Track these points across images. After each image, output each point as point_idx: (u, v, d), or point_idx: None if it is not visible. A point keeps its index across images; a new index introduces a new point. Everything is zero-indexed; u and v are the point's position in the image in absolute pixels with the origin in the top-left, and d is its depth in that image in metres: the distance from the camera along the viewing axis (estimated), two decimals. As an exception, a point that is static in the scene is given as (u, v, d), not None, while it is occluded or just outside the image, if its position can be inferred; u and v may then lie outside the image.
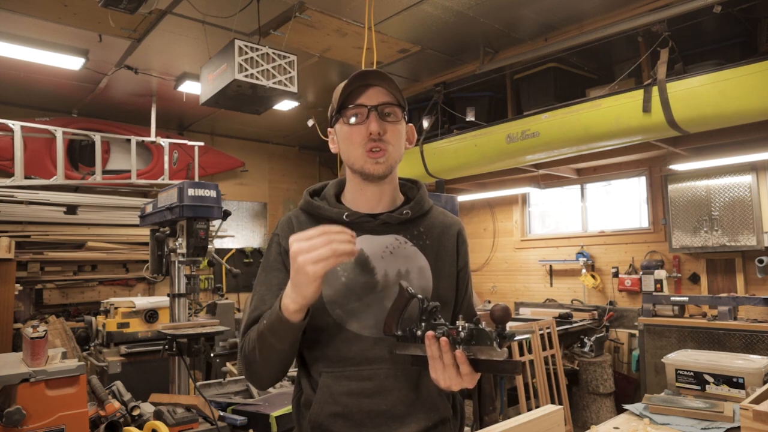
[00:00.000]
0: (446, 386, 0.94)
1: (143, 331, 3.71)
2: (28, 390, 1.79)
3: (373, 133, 1.09)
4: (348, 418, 1.10)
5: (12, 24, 3.60)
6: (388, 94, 1.12)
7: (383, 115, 1.12)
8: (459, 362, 0.91)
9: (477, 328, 0.89)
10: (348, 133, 1.13)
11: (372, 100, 1.11)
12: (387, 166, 1.13)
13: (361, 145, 1.11)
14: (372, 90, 1.12)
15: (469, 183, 6.01)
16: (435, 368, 0.94)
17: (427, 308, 0.98)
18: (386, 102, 1.12)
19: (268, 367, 1.11)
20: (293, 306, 0.98)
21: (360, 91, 1.12)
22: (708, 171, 4.56)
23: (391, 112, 1.13)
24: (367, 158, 1.11)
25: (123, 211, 5.36)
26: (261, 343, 1.06)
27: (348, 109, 1.13)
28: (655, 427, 1.66)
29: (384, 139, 1.11)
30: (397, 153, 1.15)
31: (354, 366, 1.11)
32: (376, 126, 1.09)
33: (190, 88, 4.78)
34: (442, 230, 1.23)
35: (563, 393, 4.17)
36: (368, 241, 1.16)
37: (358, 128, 1.12)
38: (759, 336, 3.74)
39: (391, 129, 1.12)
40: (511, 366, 0.88)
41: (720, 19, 3.41)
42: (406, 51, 4.31)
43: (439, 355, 0.93)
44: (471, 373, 0.92)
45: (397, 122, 1.14)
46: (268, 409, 2.25)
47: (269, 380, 1.15)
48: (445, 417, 1.16)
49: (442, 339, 0.92)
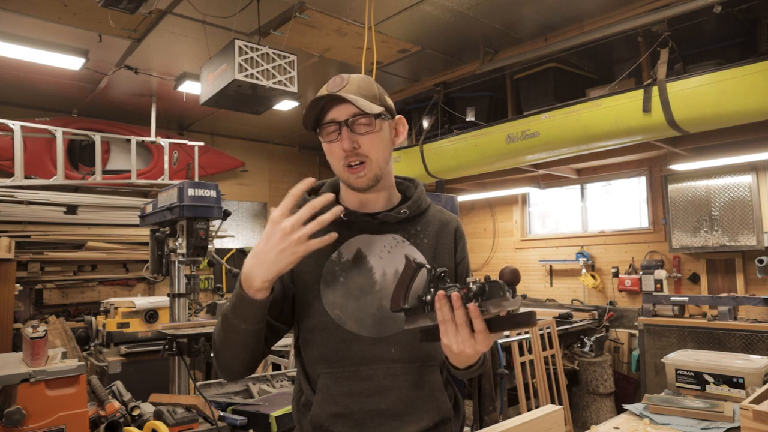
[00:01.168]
0: (459, 350, 0.91)
1: (143, 331, 3.71)
2: (28, 390, 1.79)
3: (346, 150, 1.09)
4: (348, 419, 1.10)
5: (12, 24, 3.60)
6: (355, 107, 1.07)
7: (355, 128, 1.09)
8: (472, 317, 0.88)
9: (489, 282, 0.87)
10: (327, 149, 1.14)
11: (341, 114, 1.09)
12: (369, 179, 1.12)
13: (339, 160, 1.11)
14: (342, 105, 1.09)
15: (469, 183, 6.01)
16: (447, 332, 0.91)
17: (435, 275, 0.96)
18: (356, 114, 1.08)
19: (233, 351, 1.07)
20: (260, 283, 0.97)
21: (331, 106, 1.10)
22: (708, 171, 4.56)
23: (365, 122, 1.09)
24: (348, 174, 1.11)
25: (123, 211, 5.36)
26: (225, 324, 1.04)
27: (322, 127, 1.12)
28: (655, 427, 1.66)
29: (360, 152, 1.10)
30: (379, 160, 1.12)
31: (353, 366, 1.11)
32: (348, 143, 1.08)
33: (190, 88, 4.78)
34: (440, 227, 1.24)
35: (563, 393, 4.17)
36: (366, 240, 1.16)
37: (334, 145, 1.11)
38: (759, 336, 3.74)
39: (366, 140, 1.10)
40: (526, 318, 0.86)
41: (720, 19, 3.41)
42: (406, 51, 4.31)
43: (451, 316, 0.90)
44: (485, 331, 0.89)
45: (371, 132, 1.10)
46: (268, 409, 2.25)
47: (237, 367, 1.10)
48: (446, 417, 1.16)
49: (454, 294, 0.89)
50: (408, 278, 0.99)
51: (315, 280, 1.14)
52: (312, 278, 1.14)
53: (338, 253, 1.15)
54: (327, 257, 1.15)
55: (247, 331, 1.02)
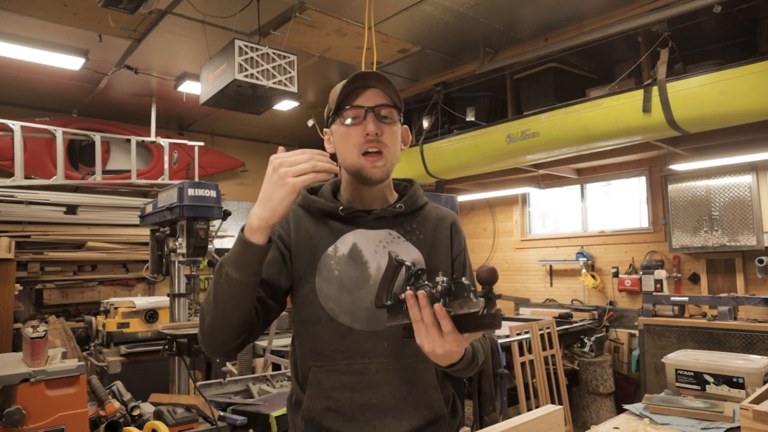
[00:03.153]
0: (430, 349, 0.91)
1: (143, 331, 3.71)
2: (28, 390, 1.79)
3: (371, 134, 1.09)
4: (339, 413, 1.11)
5: (12, 24, 3.60)
6: (385, 95, 1.12)
7: (380, 117, 1.12)
8: (438, 317, 0.88)
9: (454, 281, 0.87)
10: (345, 133, 1.13)
11: (369, 101, 1.11)
12: (385, 171, 1.13)
13: (357, 146, 1.11)
14: (369, 91, 1.12)
15: (469, 183, 6.01)
16: (419, 331, 0.91)
17: (411, 272, 0.95)
18: (383, 103, 1.12)
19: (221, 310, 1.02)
20: (257, 222, 0.98)
21: (358, 93, 1.12)
22: (708, 171, 4.56)
23: (388, 114, 1.13)
24: (364, 162, 1.11)
25: (123, 211, 5.36)
26: (218, 277, 1.02)
27: (345, 110, 1.12)
28: (655, 427, 1.66)
29: (381, 140, 1.11)
30: (394, 155, 1.15)
31: (345, 360, 1.11)
32: (374, 127, 1.09)
33: (190, 88, 4.78)
34: (436, 223, 1.24)
35: (563, 393, 4.17)
36: (362, 235, 1.17)
37: (355, 129, 1.11)
38: (759, 336, 3.74)
39: (388, 130, 1.12)
40: (490, 320, 0.85)
41: (720, 19, 3.41)
42: (406, 51, 4.31)
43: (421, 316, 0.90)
44: (453, 332, 0.88)
45: (393, 124, 1.14)
46: (268, 409, 2.25)
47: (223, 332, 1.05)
48: (440, 416, 1.16)
49: (420, 293, 0.89)
50: (390, 275, 0.99)
51: (310, 273, 1.14)
52: (308, 271, 1.15)
53: (334, 247, 1.16)
54: (323, 251, 1.15)
55: (239, 282, 1.00)
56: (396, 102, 1.13)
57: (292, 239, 1.17)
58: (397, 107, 1.14)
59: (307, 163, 0.96)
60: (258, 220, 0.98)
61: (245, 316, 1.05)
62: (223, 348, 1.09)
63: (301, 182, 0.95)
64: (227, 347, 1.08)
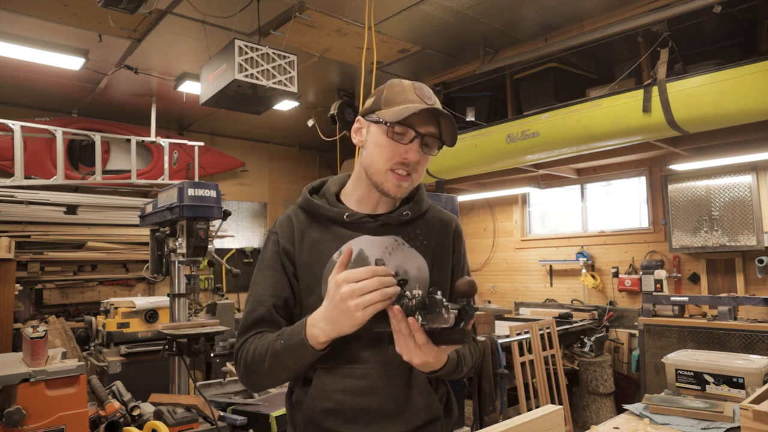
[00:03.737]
0: (408, 359, 0.95)
1: (143, 331, 3.71)
2: (28, 390, 1.79)
3: (410, 160, 1.10)
4: (339, 415, 1.12)
5: (12, 24, 3.60)
6: (438, 126, 1.11)
7: (424, 146, 1.12)
8: (412, 330, 0.91)
9: (428, 297, 0.89)
10: (383, 143, 1.11)
11: (424, 126, 1.10)
12: (405, 191, 1.15)
13: (389, 161, 1.11)
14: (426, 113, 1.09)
15: (469, 183, 6.01)
16: (398, 341, 0.95)
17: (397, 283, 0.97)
18: (432, 134, 1.11)
19: (276, 381, 1.14)
20: (324, 338, 1.00)
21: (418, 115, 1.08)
22: (708, 171, 4.56)
23: (431, 144, 1.13)
24: (391, 178, 1.11)
25: (123, 211, 5.36)
26: (274, 361, 1.06)
27: (397, 125, 1.09)
28: (655, 427, 1.66)
29: (415, 167, 1.13)
30: (419, 179, 1.18)
31: (349, 364, 1.12)
32: (415, 155, 1.10)
33: (190, 88, 4.78)
34: (439, 228, 1.25)
35: (563, 393, 4.17)
36: (368, 242, 1.16)
37: (396, 146, 1.10)
38: (759, 336, 3.74)
39: (424, 160, 1.14)
40: (460, 336, 0.88)
41: (720, 19, 3.41)
42: (406, 51, 4.31)
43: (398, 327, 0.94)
44: (427, 344, 0.92)
45: (429, 153, 1.14)
46: (268, 409, 2.25)
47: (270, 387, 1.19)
48: (436, 416, 1.18)
49: (395, 307, 0.91)
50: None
51: (315, 281, 1.14)
52: (313, 278, 1.15)
53: (339, 253, 1.15)
54: (328, 258, 1.15)
55: (296, 371, 1.10)
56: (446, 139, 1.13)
57: (296, 248, 1.17)
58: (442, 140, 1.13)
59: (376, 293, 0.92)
60: (325, 337, 1.00)
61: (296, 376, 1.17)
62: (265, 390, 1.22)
63: (369, 314, 0.94)
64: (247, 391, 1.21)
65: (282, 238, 1.18)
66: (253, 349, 1.10)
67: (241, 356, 1.13)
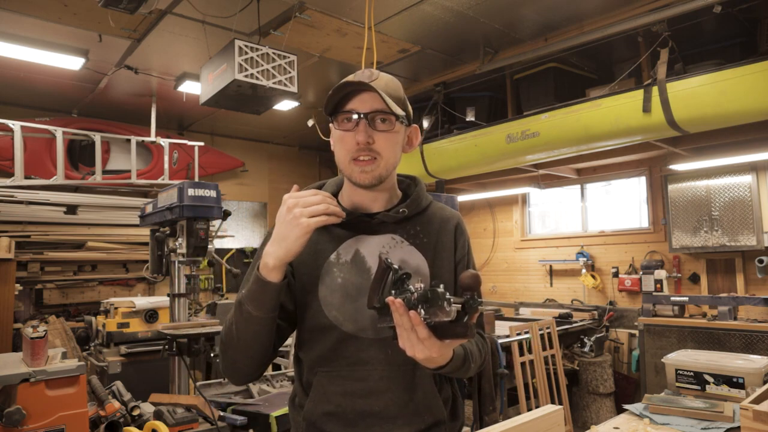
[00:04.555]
0: (411, 353, 0.93)
1: (143, 331, 3.71)
2: (28, 390, 1.79)
3: (360, 143, 1.07)
4: (341, 418, 1.10)
5: (12, 24, 3.60)
6: (382, 101, 1.06)
7: (374, 123, 1.08)
8: (414, 324, 0.89)
9: (431, 290, 0.88)
10: (339, 137, 1.11)
11: (364, 105, 1.07)
12: (374, 176, 1.10)
13: (348, 151, 1.09)
14: (366, 95, 1.08)
15: (469, 183, 6.01)
16: (401, 335, 0.93)
17: (396, 277, 0.96)
18: (378, 110, 1.07)
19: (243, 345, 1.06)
20: (273, 261, 0.99)
21: (354, 95, 1.08)
22: (708, 171, 4.56)
23: (385, 119, 1.09)
24: (353, 167, 1.10)
25: (123, 211, 5.36)
26: (238, 314, 1.04)
27: (339, 114, 1.09)
28: (655, 427, 1.66)
29: (373, 148, 1.08)
30: (389, 161, 1.11)
31: (349, 366, 1.11)
32: (363, 136, 1.06)
33: (190, 88, 4.78)
34: (440, 225, 1.22)
35: (563, 393, 4.17)
36: (365, 241, 1.15)
37: (349, 135, 1.09)
38: (759, 336, 3.74)
39: (382, 137, 1.09)
40: (463, 329, 0.87)
41: (720, 19, 3.41)
42: (406, 51, 4.31)
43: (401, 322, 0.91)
44: (429, 338, 0.90)
45: (389, 130, 1.10)
46: (268, 409, 2.25)
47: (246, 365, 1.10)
48: (439, 420, 1.15)
49: (397, 300, 0.90)
50: (380, 277, 1.00)
51: (313, 282, 1.13)
52: (310, 279, 1.14)
53: (336, 254, 1.14)
54: (325, 258, 1.14)
55: (259, 319, 1.03)
56: (393, 108, 1.07)
57: None
58: (394, 114, 1.07)
59: (320, 205, 0.98)
60: (273, 259, 0.99)
61: (266, 348, 1.09)
62: (247, 378, 1.15)
63: (314, 223, 0.97)
64: (251, 377, 1.14)
65: None
66: (225, 322, 1.10)
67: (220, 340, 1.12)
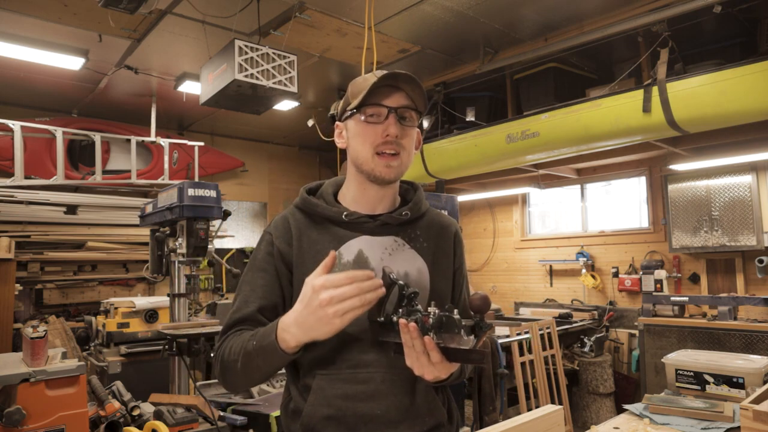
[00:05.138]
0: (420, 374, 0.94)
1: (143, 331, 3.71)
2: (28, 390, 1.79)
3: (391, 135, 1.08)
4: (341, 422, 1.08)
5: (12, 24, 3.60)
6: (410, 98, 1.11)
7: (401, 119, 1.11)
8: (428, 349, 0.90)
9: (446, 316, 0.89)
10: (362, 131, 1.11)
11: (394, 101, 1.10)
12: (398, 172, 1.12)
13: (373, 145, 1.10)
14: (396, 92, 1.10)
15: (469, 183, 6.01)
16: (409, 355, 0.94)
17: (405, 294, 0.96)
18: (407, 105, 1.11)
19: (248, 381, 1.12)
20: (294, 343, 0.98)
21: (383, 92, 1.10)
22: (708, 171, 4.56)
23: (409, 117, 1.12)
24: (378, 161, 1.10)
25: (123, 211, 5.36)
26: (246, 360, 1.04)
27: (368, 107, 1.10)
28: (655, 427, 1.66)
29: (399, 142, 1.10)
30: (410, 159, 1.15)
31: (350, 369, 1.09)
32: (395, 129, 1.09)
33: (190, 88, 4.78)
34: (439, 231, 1.23)
35: (563, 393, 4.17)
36: (367, 242, 1.14)
37: (374, 128, 1.10)
38: (759, 336, 3.74)
39: (407, 133, 1.12)
40: (478, 356, 0.87)
41: (720, 19, 3.41)
42: (406, 51, 4.31)
43: (412, 344, 0.92)
44: (442, 362, 0.91)
45: (412, 127, 1.13)
46: (268, 409, 2.25)
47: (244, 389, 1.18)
48: (440, 422, 1.15)
49: (411, 325, 0.91)
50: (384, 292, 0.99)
51: None
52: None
53: (339, 254, 1.13)
54: None
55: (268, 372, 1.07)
56: (419, 106, 1.12)
57: (294, 249, 1.14)
58: (418, 111, 1.12)
59: (356, 299, 0.90)
60: (296, 342, 0.98)
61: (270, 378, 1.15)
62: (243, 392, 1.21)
63: (348, 320, 0.92)
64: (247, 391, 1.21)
65: (277, 238, 1.15)
66: (229, 347, 1.09)
67: (219, 355, 1.11)
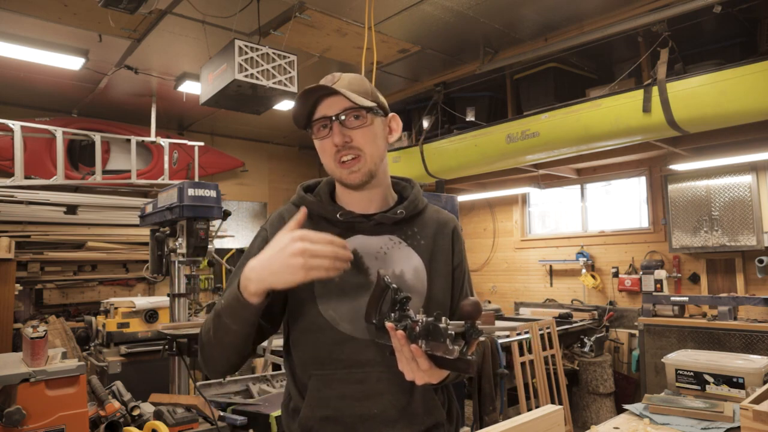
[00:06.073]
0: (411, 378, 0.95)
1: (143, 331, 3.71)
2: (28, 390, 1.79)
3: (338, 145, 1.08)
4: (339, 422, 1.08)
5: (12, 24, 3.60)
6: (347, 100, 1.07)
7: (347, 122, 1.09)
8: (415, 356, 0.91)
9: (433, 324, 0.89)
10: (320, 147, 1.13)
11: (332, 108, 1.09)
12: (363, 174, 1.10)
13: (332, 157, 1.10)
14: (332, 98, 1.09)
15: (469, 183, 6.01)
16: (400, 360, 0.95)
17: (397, 299, 0.97)
18: (346, 108, 1.08)
19: (221, 350, 1.08)
20: (254, 287, 0.97)
21: (320, 103, 1.10)
22: (708, 171, 4.56)
23: (358, 115, 1.09)
24: (341, 170, 1.10)
25: (123, 211, 5.36)
26: (216, 322, 1.05)
27: (314, 123, 1.11)
28: (655, 427, 1.66)
29: (353, 145, 1.09)
30: (373, 155, 1.12)
31: (345, 368, 1.09)
32: (339, 138, 1.08)
33: (190, 88, 4.78)
34: (437, 229, 1.22)
35: (563, 393, 4.17)
36: (362, 241, 1.14)
37: (327, 141, 1.10)
38: (759, 336, 3.74)
39: (359, 134, 1.09)
40: (464, 365, 0.87)
41: (720, 19, 3.41)
42: (406, 51, 4.31)
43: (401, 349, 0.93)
44: (431, 368, 0.92)
45: (363, 126, 1.10)
46: (268, 409, 2.25)
47: (222, 365, 1.11)
48: (438, 421, 1.14)
49: (399, 333, 0.92)
50: (379, 294, 1.01)
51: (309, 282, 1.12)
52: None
53: None
54: None
55: (237, 332, 1.03)
56: (360, 102, 1.07)
57: None
58: (364, 107, 1.08)
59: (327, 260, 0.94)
60: (255, 287, 0.97)
61: (242, 351, 1.09)
62: (222, 374, 1.16)
63: (315, 275, 0.95)
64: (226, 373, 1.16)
65: (272, 234, 1.14)
66: (205, 322, 1.10)
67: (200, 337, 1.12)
